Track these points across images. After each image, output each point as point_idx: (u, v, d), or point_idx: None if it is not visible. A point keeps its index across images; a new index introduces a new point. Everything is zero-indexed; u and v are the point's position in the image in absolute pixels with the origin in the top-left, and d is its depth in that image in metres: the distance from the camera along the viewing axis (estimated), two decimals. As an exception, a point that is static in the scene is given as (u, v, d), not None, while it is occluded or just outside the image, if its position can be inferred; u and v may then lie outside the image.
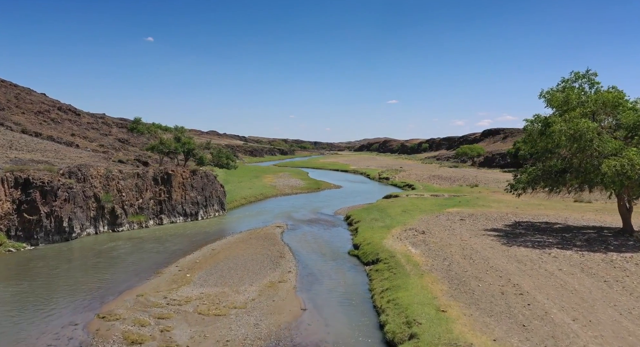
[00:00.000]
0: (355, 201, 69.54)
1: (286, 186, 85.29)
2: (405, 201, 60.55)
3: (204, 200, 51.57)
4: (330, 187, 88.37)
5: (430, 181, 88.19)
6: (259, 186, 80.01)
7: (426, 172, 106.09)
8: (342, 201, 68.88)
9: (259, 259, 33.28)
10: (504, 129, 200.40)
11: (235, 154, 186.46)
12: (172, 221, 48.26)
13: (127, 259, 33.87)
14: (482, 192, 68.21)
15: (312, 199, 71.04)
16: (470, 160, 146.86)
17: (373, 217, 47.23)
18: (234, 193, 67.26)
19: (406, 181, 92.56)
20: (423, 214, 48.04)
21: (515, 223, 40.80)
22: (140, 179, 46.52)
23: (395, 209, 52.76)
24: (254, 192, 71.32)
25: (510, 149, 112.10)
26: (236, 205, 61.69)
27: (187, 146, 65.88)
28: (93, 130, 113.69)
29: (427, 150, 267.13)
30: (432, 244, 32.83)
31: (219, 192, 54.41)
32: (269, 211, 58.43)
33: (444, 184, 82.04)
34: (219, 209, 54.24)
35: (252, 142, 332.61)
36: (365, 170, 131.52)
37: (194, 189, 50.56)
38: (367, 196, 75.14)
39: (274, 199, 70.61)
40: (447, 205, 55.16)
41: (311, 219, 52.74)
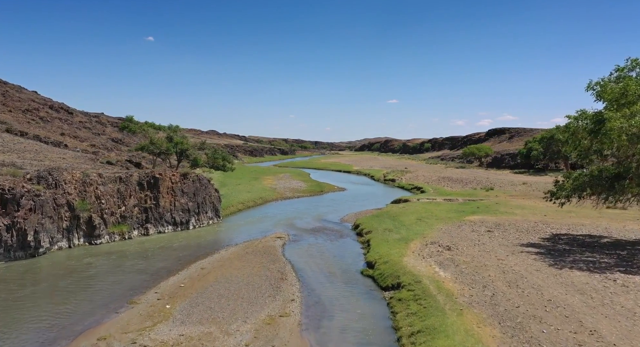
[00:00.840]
0: (362, 205, 63.89)
1: (287, 189, 79.62)
2: (418, 206, 54.90)
3: (196, 207, 45.92)
4: (334, 190, 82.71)
5: (440, 183, 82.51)
6: (258, 189, 74.36)
7: (434, 174, 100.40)
8: (347, 206, 63.22)
9: (255, 282, 27.64)
10: (509, 128, 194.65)
11: (235, 154, 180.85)
12: (160, 230, 42.60)
13: (99, 283, 28.19)
14: (500, 196, 62.56)
15: (316, 204, 65.40)
16: (477, 160, 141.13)
17: (386, 227, 41.56)
18: (231, 197, 61.63)
19: (414, 183, 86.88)
20: (442, 223, 42.40)
21: (553, 236, 35.09)
22: (122, 183, 40.87)
23: (409, 216, 47.13)
24: (252, 196, 65.68)
25: (521, 149, 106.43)
26: (233, 211, 56.03)
27: (180, 146, 60.32)
28: (85, 129, 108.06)
29: (430, 150, 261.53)
30: (463, 265, 27.18)
31: (213, 197, 48.75)
32: (269, 218, 52.78)
33: (455, 186, 76.37)
34: (214, 216, 48.59)
35: (252, 141, 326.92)
36: (368, 171, 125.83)
37: (184, 195, 44.91)
38: (374, 200, 69.49)
39: (274, 204, 64.96)
40: (466, 212, 49.52)
41: (315, 227, 47.10)
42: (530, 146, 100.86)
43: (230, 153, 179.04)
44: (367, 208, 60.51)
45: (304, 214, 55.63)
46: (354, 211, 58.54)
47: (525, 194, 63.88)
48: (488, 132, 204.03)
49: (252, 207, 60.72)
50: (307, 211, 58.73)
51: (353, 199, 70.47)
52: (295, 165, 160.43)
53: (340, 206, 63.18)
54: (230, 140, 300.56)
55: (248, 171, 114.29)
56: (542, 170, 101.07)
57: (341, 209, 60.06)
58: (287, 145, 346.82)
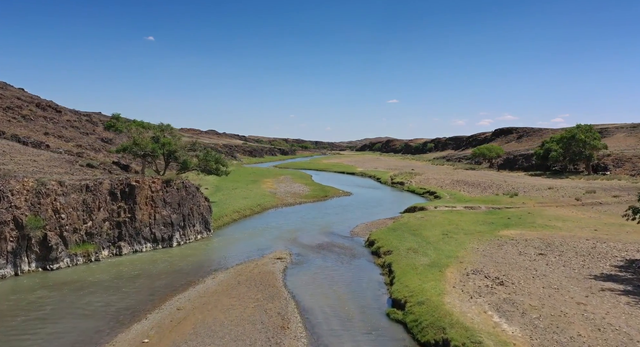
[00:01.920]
0: (372, 213, 56.38)
1: (288, 193, 72.10)
2: (439, 216, 47.38)
3: (181, 219, 38.37)
4: (339, 195, 75.18)
5: (455, 187, 74.95)
6: (256, 194, 66.82)
7: (445, 176, 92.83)
8: (356, 214, 55.70)
9: (248, 334, 20.12)
10: (516, 128, 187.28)
11: (233, 154, 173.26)
12: (136, 249, 35.06)
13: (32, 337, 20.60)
14: (527, 203, 55.03)
15: (320, 211, 57.86)
16: (486, 161, 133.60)
17: (408, 245, 34.02)
18: (225, 205, 54.11)
19: (425, 186, 79.33)
20: (475, 241, 34.91)
21: (629, 263, 27.53)
22: (90, 193, 33.31)
23: (432, 230, 39.65)
24: (250, 203, 58.13)
25: (537, 150, 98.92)
26: (227, 221, 48.49)
27: (168, 147, 52.80)
28: (72, 128, 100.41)
29: (433, 150, 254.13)
30: (532, 312, 19.64)
31: (202, 207, 41.23)
32: (268, 230, 45.28)
33: (473, 191, 68.84)
34: (203, 229, 41.08)
35: (252, 141, 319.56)
36: (374, 172, 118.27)
37: (167, 206, 37.36)
38: (385, 207, 61.98)
39: (274, 212, 57.42)
40: (497, 224, 42.05)
41: (322, 243, 39.59)
42: (548, 147, 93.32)
43: (228, 153, 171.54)
44: (378, 217, 53.04)
45: (308, 225, 48.12)
46: (364, 220, 51.06)
47: (555, 201, 56.36)
48: (494, 132, 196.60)
49: (249, 217, 53.16)
50: (311, 220, 51.20)
51: (361, 206, 62.95)
52: (296, 166, 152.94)
53: (348, 214, 55.67)
54: (229, 140, 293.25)
55: (246, 173, 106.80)
56: (559, 173, 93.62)
57: (350, 218, 52.57)
58: (288, 145, 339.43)
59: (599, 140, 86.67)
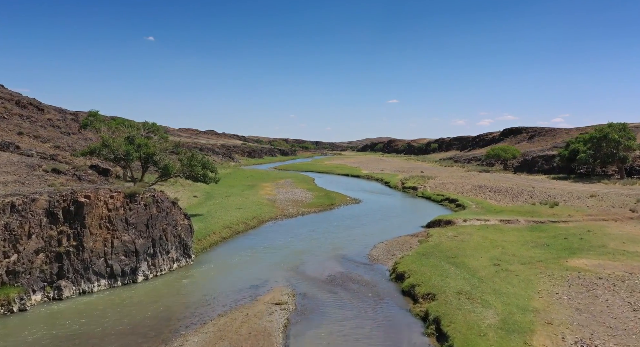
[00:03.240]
0: (389, 227, 46.95)
1: (289, 201, 62.59)
2: (474, 235, 37.94)
3: (149, 245, 28.85)
4: (347, 202, 65.67)
5: (477, 193, 65.40)
6: (252, 203, 57.30)
7: (461, 180, 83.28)
8: (371, 229, 46.21)
9: None
10: (526, 127, 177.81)
11: (231, 155, 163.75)
12: (84, 289, 25.55)
13: None
14: (574, 216, 45.60)
15: (327, 225, 48.36)
16: (499, 163, 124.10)
17: (455, 285, 24.51)
18: (214, 218, 44.59)
19: (443, 192, 69.81)
20: (542, 276, 25.50)
21: None
22: (17, 215, 23.80)
23: (475, 256, 30.27)
24: (244, 215, 48.58)
25: (562, 151, 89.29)
26: (215, 241, 38.94)
27: (145, 150, 43.30)
28: (53, 128, 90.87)
29: (437, 150, 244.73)
30: None
31: (179, 227, 31.71)
32: (265, 253, 35.78)
33: (501, 199, 59.26)
34: (180, 255, 31.56)
35: (252, 141, 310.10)
36: (381, 175, 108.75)
37: (130, 228, 27.84)
38: (403, 219, 52.51)
39: (272, 226, 47.90)
40: (554, 247, 32.64)
41: (334, 275, 30.08)
42: (575, 147, 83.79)
43: (226, 154, 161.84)
44: (397, 233, 43.59)
45: (314, 245, 38.62)
46: (381, 237, 41.59)
47: (606, 213, 46.87)
48: (503, 131, 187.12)
49: (243, 233, 43.62)
50: (317, 238, 41.70)
51: (374, 217, 53.42)
52: (297, 168, 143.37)
53: (360, 229, 46.17)
54: (228, 140, 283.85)
55: (244, 176, 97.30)
56: (586, 176, 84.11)
57: (363, 235, 43.10)
58: (288, 145, 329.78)
59: (634, 140, 77.16)
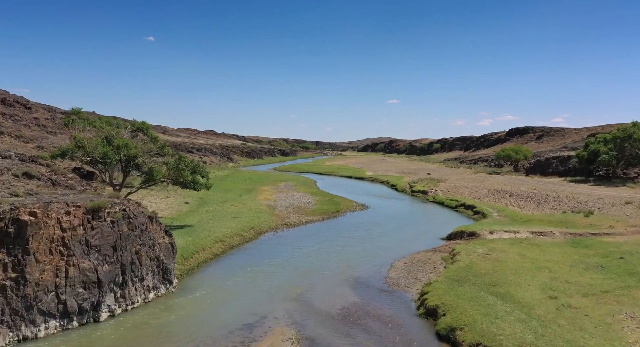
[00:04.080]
0: (405, 239, 41.07)
1: (291, 207, 56.62)
2: (509, 252, 32.01)
3: (117, 272, 22.84)
4: (353, 209, 59.68)
5: (496, 199, 59.42)
6: (250, 210, 51.33)
7: (474, 183, 77.33)
8: (384, 241, 40.27)
9: None
10: (533, 127, 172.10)
11: (230, 155, 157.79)
12: (25, 335, 19.52)
13: None
14: (615, 226, 39.67)
15: (334, 236, 42.37)
16: (508, 164, 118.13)
17: (513, 332, 18.55)
18: (205, 230, 38.55)
19: (457, 197, 63.85)
20: (621, 315, 19.62)
21: None
22: None
23: (524, 286, 24.32)
24: (240, 225, 42.58)
25: (580, 152, 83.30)
26: (205, 259, 32.90)
27: (125, 152, 37.30)
28: (39, 127, 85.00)
29: (440, 151, 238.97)
30: None
31: (158, 248, 25.71)
32: (262, 275, 29.79)
33: (525, 206, 53.28)
34: (159, 282, 25.57)
35: (252, 142, 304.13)
36: (386, 177, 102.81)
37: (92, 252, 21.83)
38: (418, 229, 46.60)
39: (272, 238, 41.90)
40: (610, 269, 26.73)
41: (348, 308, 24.09)
42: (595, 148, 77.80)
43: (224, 155, 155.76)
44: (416, 247, 37.69)
45: (321, 263, 32.66)
46: (398, 253, 35.67)
47: (651, 223, 40.94)
48: (509, 131, 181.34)
49: (239, 247, 37.60)
50: (324, 253, 35.72)
51: (386, 226, 47.48)
52: (297, 169, 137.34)
53: (372, 242, 40.21)
54: (228, 140, 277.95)
55: (242, 178, 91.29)
56: (605, 179, 78.17)
57: (377, 249, 37.18)
58: (288, 145, 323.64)
59: (661, 141, 71.28)
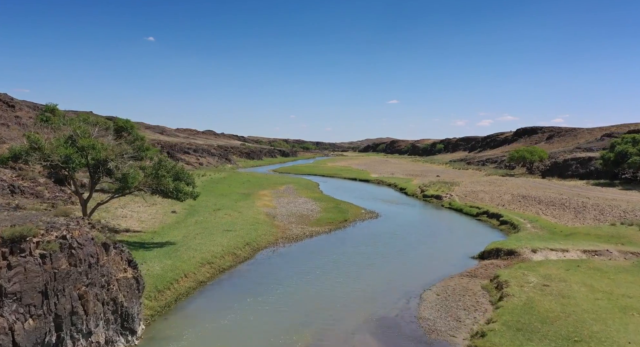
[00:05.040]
0: (430, 258, 34.18)
1: (292, 216, 49.68)
2: (571, 281, 25.07)
3: (47, 330, 15.85)
4: (362, 217, 52.75)
5: (523, 206, 52.43)
6: (246, 221, 44.40)
7: (490, 187, 70.41)
8: (406, 262, 33.31)
9: None
10: (542, 127, 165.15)
11: (228, 156, 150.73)
12: None
13: None
14: (682, 244, 32.72)
15: (345, 253, 35.37)
16: (521, 166, 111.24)
17: None
18: (188, 251, 31.55)
19: (478, 204, 56.89)
20: None
21: None
22: None
23: (620, 343, 17.39)
24: (233, 241, 35.60)
25: (605, 153, 76.48)
26: (186, 289, 25.87)
27: (95, 154, 30.33)
28: (19, 126, 77.77)
29: (443, 151, 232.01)
30: None
31: (115, 287, 18.74)
32: (255, 315, 22.79)
33: (562, 216, 46.28)
34: (117, 334, 18.60)
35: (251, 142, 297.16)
36: (393, 180, 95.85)
37: (6, 302, 14.85)
38: (443, 244, 39.70)
39: (271, 256, 34.90)
40: None
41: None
42: (623, 149, 70.91)
43: (222, 156, 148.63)
44: (445, 269, 30.80)
45: (332, 294, 25.73)
46: (426, 277, 28.82)
47: None
48: (516, 131, 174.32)
49: (230, 270, 30.60)
50: (335, 281, 28.74)
51: (404, 239, 40.53)
52: (298, 170, 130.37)
53: (392, 261, 33.25)
54: (227, 140, 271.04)
55: (239, 181, 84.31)
56: (633, 182, 71.35)
57: (400, 272, 30.32)
58: (288, 146, 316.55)
59: (699, 141, 64.39)
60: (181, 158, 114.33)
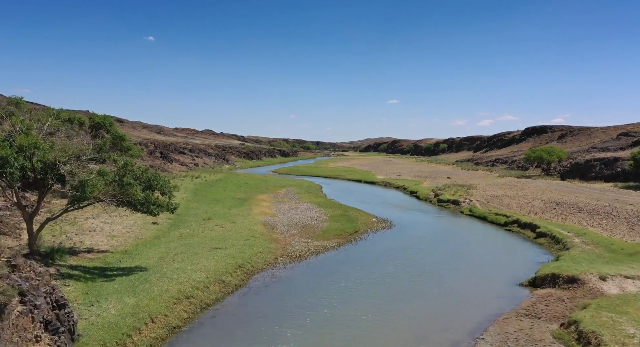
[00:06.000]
0: (467, 286, 26.95)
1: (294, 227, 42.45)
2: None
3: None
4: (374, 227, 45.54)
5: (560, 215, 45.21)
6: (240, 233, 37.16)
7: (511, 190, 63.23)
8: (440, 293, 26.08)
9: None
10: (552, 126, 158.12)
11: (225, 156, 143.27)
12: None
13: None
14: None
15: (360, 279, 28.14)
16: (535, 166, 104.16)
17: None
18: (160, 282, 24.30)
19: (503, 211, 49.70)
20: None
21: None
22: None
23: None
24: (221, 264, 28.35)
25: (637, 153, 69.35)
26: (151, 342, 18.72)
27: (41, 156, 23.11)
28: (-6, 124, 70.44)
29: (446, 151, 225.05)
30: None
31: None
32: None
33: (613, 228, 38.98)
34: None
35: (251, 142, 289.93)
36: (401, 181, 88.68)
37: None
38: (477, 264, 32.47)
39: (268, 283, 27.63)
40: None
41: None
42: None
43: (219, 156, 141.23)
44: (494, 305, 23.55)
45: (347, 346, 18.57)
46: (471, 317, 21.63)
47: None
48: (525, 131, 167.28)
49: (213, 307, 23.34)
50: (354, 322, 21.52)
51: (428, 257, 33.35)
52: (299, 171, 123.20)
53: (421, 292, 26.05)
54: (226, 140, 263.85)
55: (236, 184, 77.08)
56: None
57: (435, 307, 23.07)
58: (288, 145, 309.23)
59: None
60: (175, 158, 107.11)
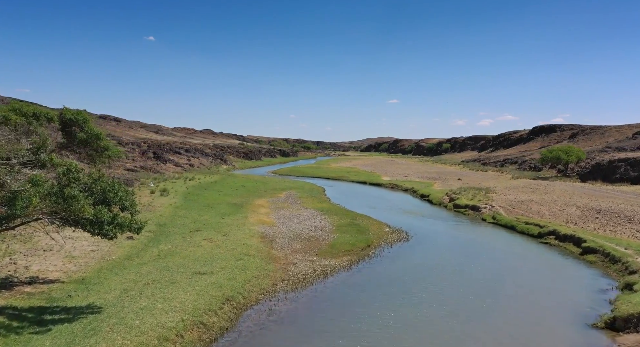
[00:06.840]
0: (523, 326, 20.34)
1: (296, 240, 35.93)
2: None
3: None
4: (388, 238, 39.04)
5: (606, 226, 38.72)
6: (231, 251, 30.65)
7: (534, 195, 56.77)
8: (481, 338, 19.59)
9: None
10: (561, 125, 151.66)
11: (223, 157, 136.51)
12: None
13: None
14: None
15: (376, 314, 21.56)
16: (549, 167, 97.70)
17: None
18: (118, 329, 17.79)
19: (534, 219, 43.24)
20: None
21: None
22: None
23: None
24: (204, 298, 21.90)
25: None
26: None
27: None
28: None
29: (450, 151, 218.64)
30: None
31: None
32: None
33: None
34: None
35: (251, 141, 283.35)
36: (409, 183, 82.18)
37: None
38: (524, 294, 25.89)
39: (263, 324, 21.14)
40: None
41: None
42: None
43: (217, 156, 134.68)
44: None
45: None
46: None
47: None
48: (532, 130, 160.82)
49: (189, 367, 16.88)
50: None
51: (461, 283, 26.86)
52: (300, 172, 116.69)
53: (456, 337, 19.58)
54: (226, 140, 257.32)
55: (232, 186, 70.58)
56: None
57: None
58: (289, 145, 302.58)
59: None
60: (170, 159, 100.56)
